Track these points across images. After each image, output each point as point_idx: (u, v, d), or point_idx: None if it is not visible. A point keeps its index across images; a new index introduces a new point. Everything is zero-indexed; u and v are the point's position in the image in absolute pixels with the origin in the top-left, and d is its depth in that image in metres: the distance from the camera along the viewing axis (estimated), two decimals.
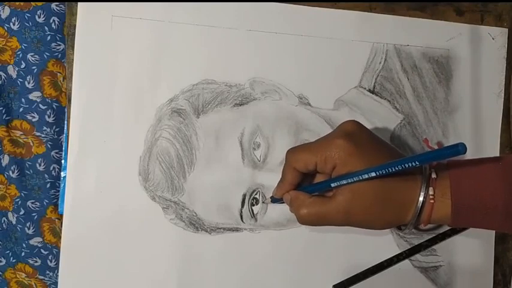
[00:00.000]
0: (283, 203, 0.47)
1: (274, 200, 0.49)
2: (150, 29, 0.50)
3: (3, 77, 0.55)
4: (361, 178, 0.41)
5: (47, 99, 0.55)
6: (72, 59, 0.49)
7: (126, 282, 0.50)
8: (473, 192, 0.41)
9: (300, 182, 0.46)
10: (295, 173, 0.45)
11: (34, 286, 0.58)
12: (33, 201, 0.56)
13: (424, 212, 0.42)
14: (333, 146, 0.42)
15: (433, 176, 0.42)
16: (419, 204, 0.42)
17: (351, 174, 0.41)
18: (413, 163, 0.38)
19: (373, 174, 0.40)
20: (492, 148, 0.53)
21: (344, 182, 0.42)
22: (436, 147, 0.52)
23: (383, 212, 0.43)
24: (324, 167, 0.43)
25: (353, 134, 0.43)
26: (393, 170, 0.39)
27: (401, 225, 0.45)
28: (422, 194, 0.42)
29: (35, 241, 0.57)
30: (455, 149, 0.35)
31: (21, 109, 0.55)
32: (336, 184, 0.43)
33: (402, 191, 0.42)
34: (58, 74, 0.55)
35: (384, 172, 0.40)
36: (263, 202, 0.50)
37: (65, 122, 0.51)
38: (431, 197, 0.42)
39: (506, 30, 0.53)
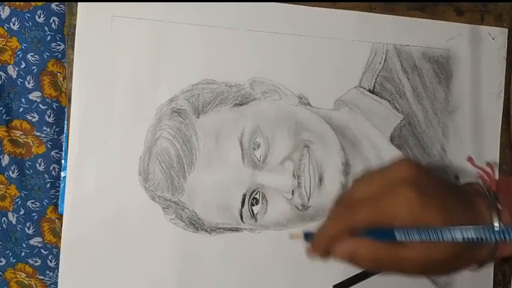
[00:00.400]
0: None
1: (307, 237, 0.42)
2: (150, 29, 0.50)
3: (3, 77, 0.55)
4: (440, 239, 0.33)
5: (47, 99, 0.55)
6: (72, 59, 0.49)
7: (126, 282, 0.49)
8: None
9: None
10: (345, 231, 0.37)
11: (34, 286, 0.58)
12: (33, 201, 0.56)
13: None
14: (400, 199, 0.34)
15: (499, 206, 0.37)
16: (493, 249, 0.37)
17: (426, 231, 0.34)
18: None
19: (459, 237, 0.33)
20: (492, 148, 0.53)
21: (416, 238, 0.34)
22: (485, 166, 0.50)
23: (459, 262, 0.37)
24: (389, 224, 0.35)
25: (418, 181, 0.35)
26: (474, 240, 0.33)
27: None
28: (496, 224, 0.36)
29: (35, 241, 0.57)
30: None
31: (21, 109, 0.55)
32: (403, 238, 0.34)
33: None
34: (58, 74, 0.55)
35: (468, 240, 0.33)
36: (290, 238, 0.42)
37: (65, 122, 0.51)
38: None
39: (506, 30, 0.53)
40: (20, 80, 0.55)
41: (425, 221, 0.34)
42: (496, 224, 0.34)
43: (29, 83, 0.55)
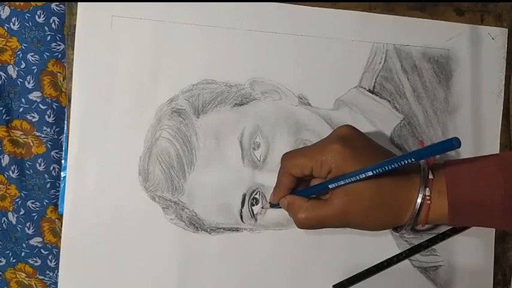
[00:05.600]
0: (279, 207, 0.48)
1: (272, 205, 0.49)
2: (150, 29, 0.50)
3: (3, 77, 0.55)
4: (358, 178, 0.41)
5: (47, 99, 0.55)
6: (72, 59, 0.49)
7: (126, 283, 0.49)
8: (469, 190, 0.41)
9: (295, 186, 0.46)
10: (290, 178, 0.45)
11: (34, 286, 0.58)
12: (33, 201, 0.56)
13: (422, 212, 0.42)
14: (328, 150, 0.43)
15: (430, 176, 0.42)
16: (417, 206, 0.42)
17: (348, 174, 0.41)
18: (409, 160, 0.38)
19: (370, 173, 0.40)
20: (492, 148, 0.53)
21: (341, 182, 0.42)
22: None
23: (380, 213, 0.43)
24: (320, 172, 0.43)
25: (348, 138, 0.43)
26: (390, 167, 0.39)
27: (398, 227, 0.45)
28: (420, 195, 0.42)
29: (35, 241, 0.57)
30: (449, 143, 0.35)
31: (21, 109, 0.55)
32: (333, 185, 0.43)
33: (399, 192, 0.42)
34: (58, 74, 0.55)
35: (381, 170, 0.39)
36: (262, 207, 0.50)
37: (65, 122, 0.51)
38: (427, 197, 0.42)
39: (506, 30, 0.53)
40: (20, 80, 0.55)
41: (347, 169, 0.41)
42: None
43: (29, 83, 0.55)
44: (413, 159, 0.38)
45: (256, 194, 0.50)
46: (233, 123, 0.50)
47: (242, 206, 0.50)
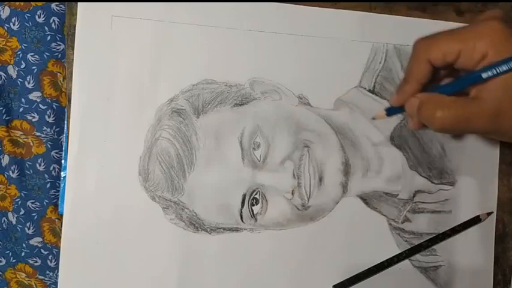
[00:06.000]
0: (402, 111, 0.41)
1: (391, 111, 0.42)
2: (150, 29, 0.50)
3: (3, 77, 0.55)
4: None
5: (47, 99, 0.55)
6: (72, 59, 0.49)
7: (126, 283, 0.50)
8: None
9: (428, 82, 0.38)
10: (427, 67, 0.37)
11: (34, 286, 0.58)
12: (33, 201, 0.56)
13: None
14: (486, 30, 0.35)
15: None
16: None
17: None
18: None
19: None
20: (492, 147, 0.53)
21: (504, 67, 0.33)
22: None
23: None
24: (470, 58, 0.35)
25: (503, 18, 0.36)
26: None
27: None
28: None
29: (35, 241, 0.57)
30: None
31: (21, 109, 0.55)
32: (489, 74, 0.34)
33: None
34: (58, 74, 0.55)
35: None
36: (373, 118, 0.43)
37: (65, 122, 0.51)
38: None
39: None
40: (20, 80, 0.55)
41: (507, 51, 0.33)
42: None
43: (29, 83, 0.55)
44: None
45: (256, 194, 0.50)
46: (233, 123, 0.50)
47: (242, 206, 0.50)
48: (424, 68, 0.37)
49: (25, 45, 0.54)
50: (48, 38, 0.54)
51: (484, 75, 0.35)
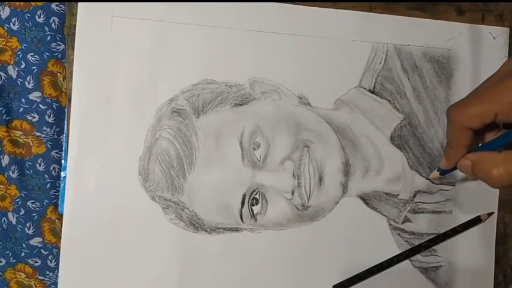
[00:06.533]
0: (454, 170, 0.42)
1: (443, 172, 0.44)
2: (150, 29, 0.50)
3: (3, 77, 0.55)
4: None
5: (47, 99, 0.55)
6: (72, 59, 0.49)
7: (126, 283, 0.49)
8: None
9: (471, 144, 0.39)
10: (467, 133, 0.38)
11: (34, 286, 0.58)
12: (33, 201, 0.56)
13: None
14: None
15: None
16: None
17: None
18: None
19: None
20: None
21: None
22: None
23: None
24: (508, 115, 0.35)
25: None
26: None
27: None
28: None
29: (35, 241, 0.57)
30: None
31: (21, 109, 0.55)
32: None
33: None
34: (58, 74, 0.55)
35: None
36: (427, 178, 0.45)
37: (65, 122, 0.51)
38: None
39: (507, 29, 0.53)
40: (20, 80, 0.55)
41: None
42: None
43: (29, 83, 0.55)
44: None
45: (256, 194, 0.50)
46: (233, 123, 0.50)
47: (242, 206, 0.50)
48: (465, 135, 0.38)
49: (25, 45, 0.54)
50: (48, 38, 0.54)
51: None
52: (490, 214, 0.52)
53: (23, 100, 0.55)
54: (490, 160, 0.37)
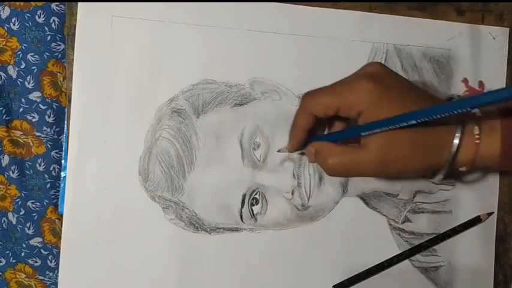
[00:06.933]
0: (302, 153, 0.46)
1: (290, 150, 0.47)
2: (150, 29, 0.50)
3: (3, 77, 0.55)
4: (398, 126, 0.36)
5: (47, 99, 0.55)
6: (72, 59, 0.49)
7: (126, 283, 0.49)
8: None
9: (311, 130, 0.44)
10: (310, 118, 0.42)
11: (34, 286, 0.58)
12: (33, 201, 0.57)
13: (467, 152, 0.39)
14: (359, 89, 0.39)
15: (478, 114, 0.39)
16: (455, 146, 0.38)
17: (386, 121, 0.37)
18: (464, 109, 0.33)
19: (414, 122, 0.35)
20: None
21: (377, 130, 0.38)
22: (477, 87, 0.50)
23: (422, 156, 0.39)
24: (348, 113, 0.40)
25: (379, 76, 0.39)
26: (438, 116, 0.35)
27: (437, 170, 0.42)
28: (457, 135, 0.39)
29: (35, 241, 0.57)
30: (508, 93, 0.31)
31: (21, 109, 0.55)
32: (367, 133, 0.39)
33: (439, 131, 0.39)
34: (58, 74, 0.55)
35: (428, 119, 0.35)
36: (278, 151, 0.49)
37: (65, 122, 0.51)
38: (476, 136, 0.39)
39: (507, 29, 0.53)
40: (20, 80, 0.55)
41: (381, 111, 0.38)
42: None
43: (29, 83, 0.55)
44: (468, 109, 0.33)
45: (256, 194, 0.50)
46: (233, 123, 0.50)
47: (242, 206, 0.50)
48: (307, 119, 0.42)
49: (25, 45, 0.54)
50: (48, 38, 0.54)
51: (363, 133, 0.39)
52: (489, 214, 0.52)
53: (23, 100, 0.55)
54: (329, 150, 0.41)
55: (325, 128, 0.47)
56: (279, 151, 0.49)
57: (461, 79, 0.51)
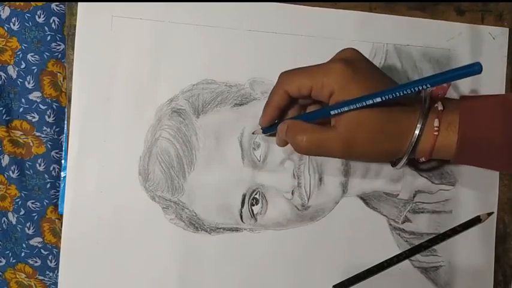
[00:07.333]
0: (274, 133, 0.47)
1: (265, 130, 0.48)
2: (150, 29, 0.50)
3: (3, 77, 0.55)
4: (365, 104, 0.38)
5: (47, 99, 0.55)
6: (72, 59, 0.49)
7: (126, 283, 0.49)
8: (482, 126, 0.40)
9: (285, 109, 0.45)
10: (284, 96, 0.43)
11: (34, 286, 0.58)
12: (33, 201, 0.57)
13: (426, 143, 0.41)
14: (332, 70, 0.41)
15: (440, 108, 0.41)
16: (415, 136, 0.40)
17: (354, 100, 0.39)
18: (424, 85, 0.36)
19: (379, 99, 0.38)
20: None
21: (345, 108, 0.39)
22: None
23: (384, 142, 0.41)
24: (320, 93, 0.41)
25: (351, 60, 0.41)
26: (401, 93, 0.37)
27: (398, 159, 0.43)
28: (419, 126, 0.40)
29: (35, 241, 0.57)
30: (471, 68, 0.32)
31: (21, 109, 0.55)
32: (336, 111, 0.40)
33: (403, 120, 0.41)
34: (58, 74, 0.55)
35: (391, 96, 0.37)
36: (253, 133, 0.49)
37: (65, 122, 0.51)
38: (435, 128, 0.40)
39: (507, 29, 0.53)
40: (20, 80, 0.55)
41: (351, 92, 0.39)
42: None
43: (29, 83, 0.55)
44: (429, 85, 0.35)
45: (256, 194, 0.50)
46: (233, 123, 0.50)
47: (242, 206, 0.50)
48: (281, 97, 0.43)
49: (25, 45, 0.54)
50: (48, 38, 0.54)
51: (332, 112, 0.40)
52: (489, 214, 0.52)
53: (23, 100, 0.55)
54: (299, 127, 0.43)
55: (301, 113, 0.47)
56: (253, 133, 0.49)
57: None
